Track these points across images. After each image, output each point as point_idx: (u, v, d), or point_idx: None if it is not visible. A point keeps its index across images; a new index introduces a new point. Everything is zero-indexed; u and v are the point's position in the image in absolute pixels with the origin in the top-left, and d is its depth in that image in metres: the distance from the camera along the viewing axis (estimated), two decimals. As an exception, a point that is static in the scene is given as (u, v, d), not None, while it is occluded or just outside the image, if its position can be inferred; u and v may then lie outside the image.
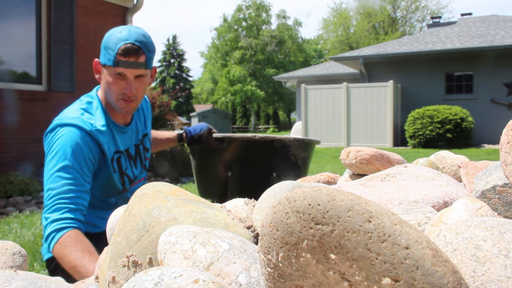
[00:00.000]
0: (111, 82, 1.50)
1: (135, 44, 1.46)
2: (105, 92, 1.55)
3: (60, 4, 5.90)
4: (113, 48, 1.46)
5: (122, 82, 1.50)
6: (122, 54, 1.45)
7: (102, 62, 1.51)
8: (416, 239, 0.38)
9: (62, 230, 1.32)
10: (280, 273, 0.45)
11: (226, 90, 39.58)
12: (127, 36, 1.46)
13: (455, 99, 12.96)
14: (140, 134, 1.73)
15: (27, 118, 5.53)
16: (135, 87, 1.52)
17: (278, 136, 1.90)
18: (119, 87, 1.50)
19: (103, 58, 1.50)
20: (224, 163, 2.00)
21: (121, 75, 1.49)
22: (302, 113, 13.79)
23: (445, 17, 33.34)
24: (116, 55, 1.45)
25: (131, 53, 1.46)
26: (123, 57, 1.46)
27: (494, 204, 0.67)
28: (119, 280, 0.61)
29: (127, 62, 1.46)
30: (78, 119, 1.48)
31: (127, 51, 1.45)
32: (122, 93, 1.51)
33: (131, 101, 1.55)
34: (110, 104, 1.58)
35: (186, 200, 0.70)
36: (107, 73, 1.50)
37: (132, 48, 1.46)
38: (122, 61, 1.46)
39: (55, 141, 1.43)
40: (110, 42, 1.47)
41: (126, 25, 1.55)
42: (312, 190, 0.43)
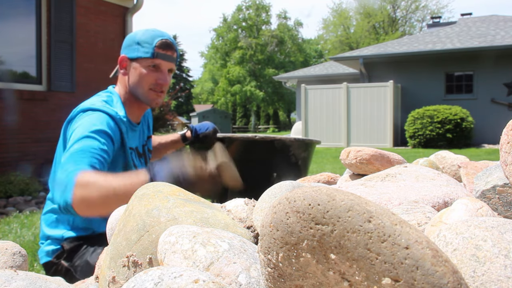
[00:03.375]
0: (145, 73, 1.59)
1: (170, 40, 1.61)
2: (133, 84, 1.62)
3: (60, 4, 5.90)
4: (150, 42, 1.58)
5: (156, 73, 1.60)
6: (160, 47, 1.58)
7: (134, 56, 1.59)
8: (416, 239, 0.38)
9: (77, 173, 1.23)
10: (280, 273, 0.45)
11: (226, 91, 39.57)
12: (161, 34, 1.60)
13: (455, 99, 12.96)
14: (145, 136, 1.79)
15: (27, 118, 5.52)
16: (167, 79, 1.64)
17: (278, 136, 1.90)
18: (153, 77, 1.60)
19: (135, 52, 1.59)
20: (224, 163, 2.00)
21: (155, 67, 1.59)
22: (302, 113, 13.79)
23: (445, 17, 33.36)
24: (154, 47, 1.57)
25: (168, 47, 1.60)
26: (162, 50, 1.58)
27: (494, 204, 0.67)
28: (119, 280, 0.61)
29: (165, 55, 1.59)
30: (102, 106, 1.53)
31: (165, 45, 1.59)
32: (156, 83, 1.61)
33: (162, 92, 1.64)
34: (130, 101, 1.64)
35: (186, 200, 0.70)
36: (139, 66, 1.60)
37: (169, 44, 1.60)
38: (160, 54, 1.58)
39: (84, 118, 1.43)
40: (146, 37, 1.59)
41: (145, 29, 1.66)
42: (312, 190, 0.43)
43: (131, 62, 1.60)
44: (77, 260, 1.51)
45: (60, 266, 1.53)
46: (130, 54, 1.60)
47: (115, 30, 6.78)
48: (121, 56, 1.62)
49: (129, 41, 1.61)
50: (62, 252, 1.53)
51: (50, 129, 5.37)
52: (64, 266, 1.52)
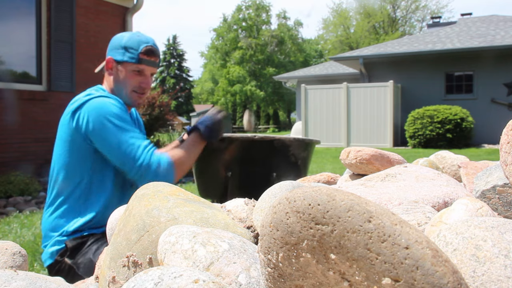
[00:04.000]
0: (129, 76, 1.72)
1: (154, 47, 1.73)
2: (117, 85, 1.75)
3: (60, 4, 5.90)
4: (136, 48, 1.70)
5: (140, 77, 1.73)
6: (145, 53, 1.70)
7: (120, 59, 1.71)
8: (416, 239, 0.38)
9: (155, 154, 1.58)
10: (280, 273, 0.45)
11: (226, 90, 39.58)
12: (146, 39, 1.73)
13: (455, 99, 12.96)
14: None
15: (27, 118, 5.52)
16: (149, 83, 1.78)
17: (278, 136, 1.90)
18: (137, 81, 1.73)
19: (121, 56, 1.71)
20: (224, 163, 2.00)
21: (139, 71, 1.72)
22: (302, 113, 13.79)
23: (445, 17, 33.35)
24: (139, 54, 1.70)
25: (152, 53, 1.72)
26: (146, 56, 1.71)
27: (494, 204, 0.67)
28: (119, 280, 0.61)
29: (149, 61, 1.72)
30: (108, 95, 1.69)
31: (150, 51, 1.71)
32: (139, 86, 1.74)
33: (143, 94, 1.77)
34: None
35: (186, 200, 0.70)
36: (124, 69, 1.72)
37: (153, 50, 1.73)
38: (145, 60, 1.71)
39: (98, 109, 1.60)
40: (132, 43, 1.71)
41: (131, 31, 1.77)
42: (312, 190, 0.43)
43: (117, 64, 1.73)
44: (80, 257, 1.53)
45: (63, 264, 1.55)
46: (116, 57, 1.72)
47: (115, 30, 6.78)
48: (108, 57, 1.75)
49: (116, 44, 1.73)
50: (66, 250, 1.55)
51: (50, 129, 5.35)
52: (67, 264, 1.54)
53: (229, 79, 39.01)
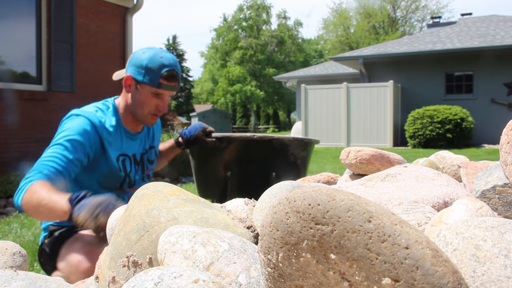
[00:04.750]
0: (147, 98, 1.70)
1: (175, 70, 1.70)
2: (134, 105, 1.73)
3: (60, 4, 5.90)
4: (157, 72, 1.66)
5: (158, 100, 1.71)
6: (165, 78, 1.67)
7: (140, 80, 1.68)
8: (416, 239, 0.38)
9: (31, 181, 1.41)
10: (280, 273, 0.45)
11: (226, 90, 39.57)
12: (169, 62, 1.68)
13: (455, 99, 12.96)
14: (147, 145, 1.89)
15: (27, 118, 5.52)
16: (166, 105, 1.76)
17: (277, 136, 1.90)
18: (154, 104, 1.71)
19: (141, 76, 1.68)
20: (224, 163, 2.00)
21: (158, 94, 1.70)
22: (302, 113, 13.79)
23: (445, 17, 33.34)
24: (160, 78, 1.66)
25: (173, 78, 1.69)
26: (166, 81, 1.67)
27: (494, 204, 0.67)
28: (119, 280, 0.61)
29: (169, 85, 1.69)
30: (89, 113, 1.66)
31: (171, 76, 1.68)
32: (156, 109, 1.72)
33: (158, 115, 1.76)
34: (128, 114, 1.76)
35: (186, 200, 0.70)
36: (143, 90, 1.70)
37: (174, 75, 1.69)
38: (164, 85, 1.68)
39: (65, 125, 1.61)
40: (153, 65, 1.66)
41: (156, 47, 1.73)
42: (312, 190, 0.43)
43: (136, 83, 1.70)
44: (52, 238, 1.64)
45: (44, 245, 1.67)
46: (136, 76, 1.69)
47: (115, 30, 6.78)
48: (127, 74, 1.71)
49: (137, 62, 1.69)
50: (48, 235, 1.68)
51: (50, 129, 5.35)
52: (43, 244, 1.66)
53: (229, 79, 39.00)
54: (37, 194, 1.34)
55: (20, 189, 1.41)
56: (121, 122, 1.76)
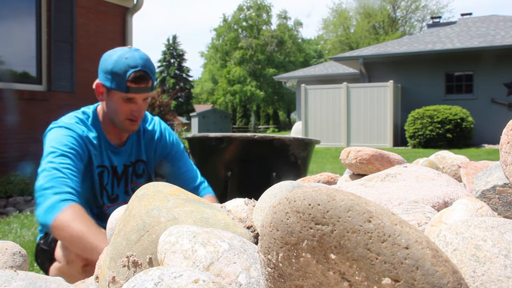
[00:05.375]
0: (119, 104, 1.58)
1: (143, 70, 1.55)
2: (109, 113, 1.63)
3: (60, 4, 5.90)
4: (122, 75, 1.53)
5: (131, 104, 1.59)
6: (133, 81, 1.53)
7: (108, 86, 1.57)
8: (416, 239, 0.38)
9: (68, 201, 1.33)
10: (280, 273, 0.45)
11: (226, 90, 39.58)
12: (135, 63, 1.53)
13: (455, 99, 12.96)
14: (133, 157, 1.75)
15: (27, 118, 5.52)
16: (142, 109, 1.63)
17: (277, 136, 1.90)
18: (128, 109, 1.59)
19: (109, 82, 1.56)
20: (224, 163, 2.00)
21: (130, 99, 1.58)
22: (302, 113, 13.79)
23: (445, 17, 33.33)
24: (126, 82, 1.53)
25: (141, 80, 1.54)
26: (134, 84, 1.54)
27: (494, 204, 0.67)
28: (119, 280, 0.61)
29: (138, 88, 1.55)
30: (71, 124, 1.57)
31: (138, 78, 1.53)
32: (130, 114, 1.60)
33: (137, 121, 1.64)
34: (109, 122, 1.66)
35: (186, 200, 0.70)
36: (113, 97, 1.58)
37: (142, 76, 1.54)
38: (133, 88, 1.54)
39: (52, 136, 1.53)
40: (118, 68, 1.54)
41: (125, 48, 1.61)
42: (312, 190, 0.43)
43: (106, 90, 1.59)
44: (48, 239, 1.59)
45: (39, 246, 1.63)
46: (104, 82, 1.58)
47: (115, 30, 6.78)
48: (97, 82, 1.61)
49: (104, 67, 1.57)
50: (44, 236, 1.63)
51: (50, 129, 5.34)
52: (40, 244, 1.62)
53: (229, 79, 39.01)
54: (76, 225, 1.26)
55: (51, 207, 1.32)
56: (103, 132, 1.66)
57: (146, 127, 1.78)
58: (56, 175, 1.39)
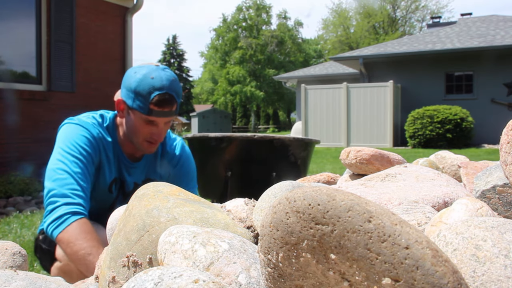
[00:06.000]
0: (140, 125, 1.49)
1: (169, 94, 1.44)
2: (128, 131, 1.55)
3: (60, 4, 5.90)
4: (146, 97, 1.43)
5: (152, 127, 1.49)
6: (156, 104, 1.43)
7: (130, 105, 1.48)
8: (416, 239, 0.38)
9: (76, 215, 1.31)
10: (280, 273, 0.45)
11: (226, 90, 39.60)
12: (161, 85, 1.43)
13: (455, 99, 12.96)
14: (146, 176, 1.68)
15: (27, 118, 5.52)
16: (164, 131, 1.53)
17: (277, 136, 1.91)
18: (148, 131, 1.50)
19: (131, 101, 1.47)
20: (224, 163, 2.00)
21: (152, 121, 1.48)
22: (302, 113, 13.79)
23: (445, 17, 33.34)
24: (149, 104, 1.43)
25: (166, 103, 1.44)
26: (158, 107, 1.44)
27: (494, 204, 0.67)
28: (119, 280, 0.61)
29: (162, 112, 1.45)
30: (87, 123, 1.50)
31: (162, 102, 1.43)
32: (151, 137, 1.52)
33: (156, 143, 1.55)
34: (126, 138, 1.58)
35: (186, 200, 0.70)
36: (135, 117, 1.49)
37: (167, 100, 1.44)
38: (156, 111, 1.44)
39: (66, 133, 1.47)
40: (142, 88, 1.43)
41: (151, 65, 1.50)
42: (312, 190, 0.43)
43: (128, 108, 1.50)
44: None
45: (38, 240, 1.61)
46: (126, 100, 1.49)
47: (115, 30, 6.78)
48: (119, 98, 1.53)
49: (127, 84, 1.48)
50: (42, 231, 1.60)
51: (50, 129, 5.35)
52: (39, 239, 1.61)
53: (229, 79, 39.02)
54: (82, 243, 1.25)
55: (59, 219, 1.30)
56: (118, 142, 1.59)
57: (166, 148, 1.69)
58: (67, 180, 1.36)
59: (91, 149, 1.46)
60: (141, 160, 1.65)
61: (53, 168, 1.39)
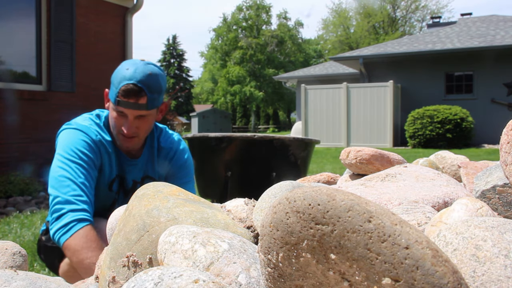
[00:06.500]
0: (114, 117, 1.51)
1: (137, 85, 1.44)
2: (110, 123, 1.57)
3: (60, 4, 5.90)
4: (116, 86, 1.46)
5: (123, 119, 1.50)
6: (122, 94, 1.44)
7: (109, 96, 1.52)
8: (416, 239, 0.38)
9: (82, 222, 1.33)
10: (280, 273, 0.45)
11: (226, 90, 39.60)
12: (131, 75, 1.44)
13: (455, 99, 12.96)
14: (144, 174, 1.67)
15: (27, 118, 5.52)
16: (135, 126, 1.50)
17: (277, 136, 1.91)
18: (120, 123, 1.51)
19: (110, 91, 1.52)
20: (224, 163, 2.00)
21: (121, 113, 1.49)
22: (302, 113, 13.79)
23: (445, 17, 33.35)
24: (117, 94, 1.45)
25: (131, 94, 1.44)
26: (124, 98, 1.45)
27: (494, 204, 0.67)
28: (119, 280, 0.61)
29: (127, 103, 1.45)
30: (85, 127, 1.52)
31: (127, 92, 1.44)
32: (122, 129, 1.51)
33: (131, 138, 1.53)
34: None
35: (186, 200, 0.70)
36: (110, 108, 1.52)
37: (133, 90, 1.44)
38: (122, 101, 1.45)
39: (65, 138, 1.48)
40: (115, 78, 1.47)
41: (137, 60, 1.52)
42: (312, 190, 0.43)
43: (108, 99, 1.55)
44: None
45: (41, 241, 1.63)
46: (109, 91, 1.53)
47: (115, 30, 6.78)
48: (105, 90, 1.57)
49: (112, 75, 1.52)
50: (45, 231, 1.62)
51: (50, 129, 5.35)
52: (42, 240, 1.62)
53: (229, 79, 39.02)
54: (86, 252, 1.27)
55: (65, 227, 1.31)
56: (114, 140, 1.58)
57: (161, 144, 1.68)
58: (71, 187, 1.38)
59: (91, 153, 1.47)
60: (140, 157, 1.64)
61: (55, 176, 1.40)
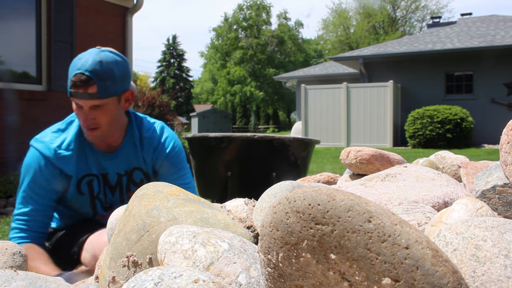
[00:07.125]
0: (74, 110, 1.48)
1: (84, 73, 1.39)
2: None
3: (60, 4, 5.90)
4: (69, 77, 1.43)
5: (81, 111, 1.46)
6: (72, 85, 1.41)
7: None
8: (416, 239, 0.38)
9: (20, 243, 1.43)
10: (280, 273, 0.45)
11: (226, 90, 39.60)
12: (81, 65, 1.40)
13: (455, 99, 12.95)
14: (128, 165, 1.62)
15: (27, 118, 5.52)
16: (92, 117, 1.45)
17: (277, 136, 1.91)
18: (79, 116, 1.47)
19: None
20: (224, 163, 2.00)
21: (77, 104, 1.44)
22: (302, 113, 13.79)
23: (445, 17, 33.32)
24: (70, 85, 1.42)
25: (79, 84, 1.40)
26: (74, 88, 1.41)
27: (494, 204, 0.67)
28: (119, 280, 0.61)
29: (77, 93, 1.41)
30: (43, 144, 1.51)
31: (75, 82, 1.40)
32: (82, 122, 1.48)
33: (93, 129, 1.48)
34: None
35: (186, 200, 0.70)
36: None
37: (80, 79, 1.39)
38: (73, 92, 1.41)
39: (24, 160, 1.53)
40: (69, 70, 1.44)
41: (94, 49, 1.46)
42: (312, 190, 0.43)
43: None
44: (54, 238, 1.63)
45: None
46: None
47: (115, 30, 6.78)
48: None
49: None
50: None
51: (50, 129, 5.34)
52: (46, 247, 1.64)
53: (229, 79, 39.02)
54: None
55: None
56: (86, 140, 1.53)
57: (144, 134, 1.64)
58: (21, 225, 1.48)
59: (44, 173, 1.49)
60: (116, 150, 1.60)
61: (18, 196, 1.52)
